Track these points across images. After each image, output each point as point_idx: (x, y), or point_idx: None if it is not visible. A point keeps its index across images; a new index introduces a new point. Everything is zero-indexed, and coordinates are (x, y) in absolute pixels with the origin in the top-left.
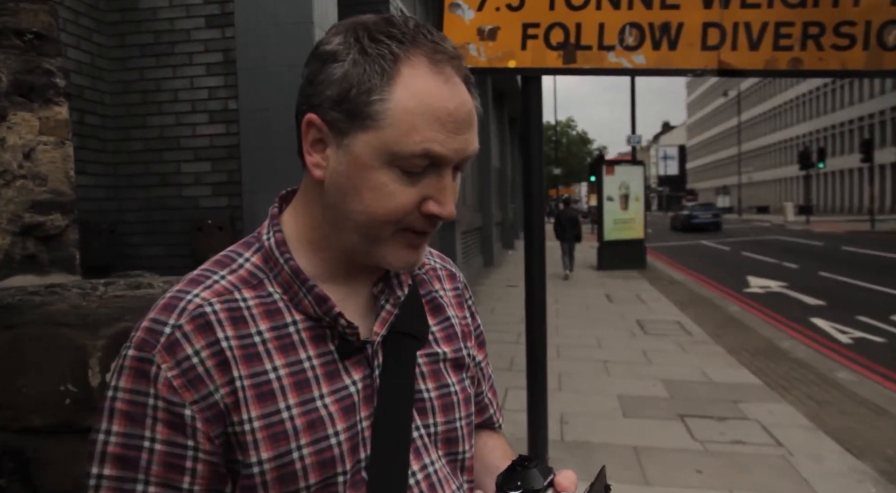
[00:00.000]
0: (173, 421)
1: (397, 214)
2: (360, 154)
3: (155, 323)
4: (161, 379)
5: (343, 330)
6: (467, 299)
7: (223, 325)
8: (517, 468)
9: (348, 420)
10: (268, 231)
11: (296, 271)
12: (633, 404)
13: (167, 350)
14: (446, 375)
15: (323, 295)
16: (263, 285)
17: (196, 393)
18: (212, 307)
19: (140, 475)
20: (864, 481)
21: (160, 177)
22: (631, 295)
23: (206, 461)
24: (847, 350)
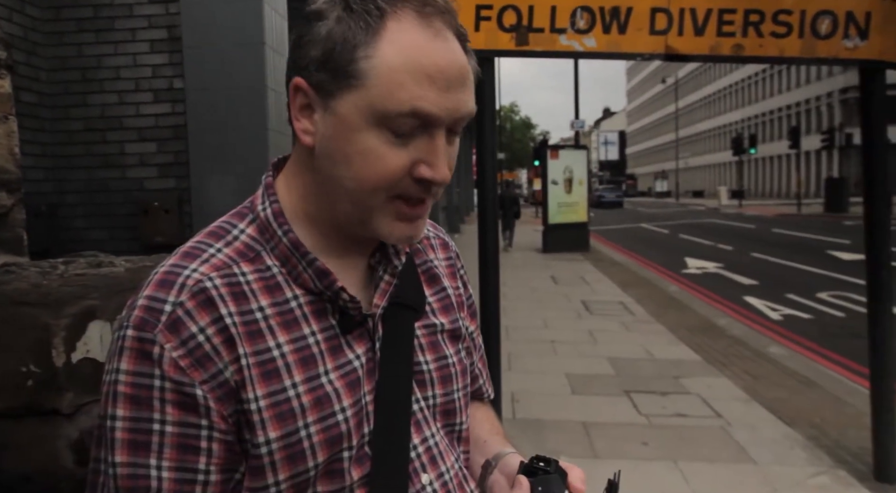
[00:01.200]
0: (184, 401)
1: (388, 180)
2: (347, 116)
3: (153, 301)
4: (166, 360)
5: (345, 304)
6: (459, 268)
7: (225, 300)
8: (538, 472)
9: (354, 396)
10: (263, 201)
11: (295, 243)
12: (581, 381)
13: (170, 329)
14: (444, 346)
15: (324, 269)
16: (261, 258)
17: (205, 372)
18: (212, 282)
19: (153, 459)
20: (795, 447)
21: (103, 158)
22: (575, 277)
23: (221, 440)
24: (778, 326)
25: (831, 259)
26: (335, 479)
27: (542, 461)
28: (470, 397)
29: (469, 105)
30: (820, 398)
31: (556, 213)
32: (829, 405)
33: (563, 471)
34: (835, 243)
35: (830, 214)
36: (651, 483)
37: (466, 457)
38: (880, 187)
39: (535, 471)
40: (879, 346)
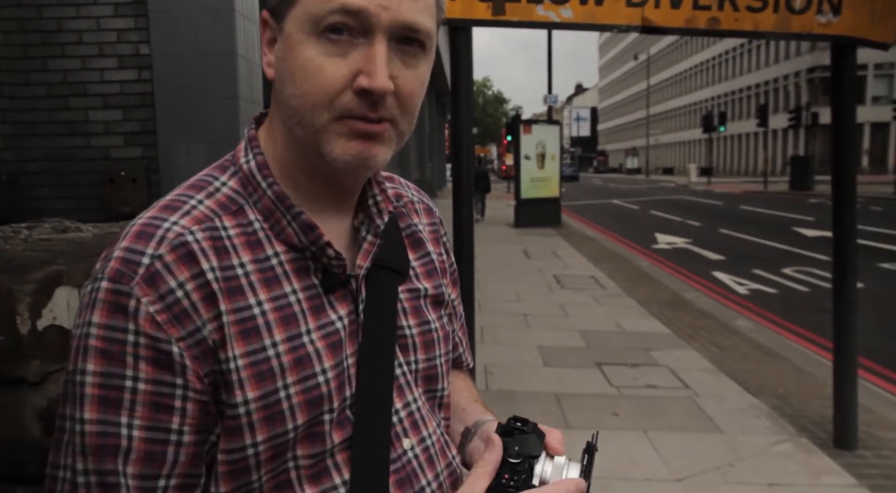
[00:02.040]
0: (159, 359)
1: (327, 93)
2: (291, 32)
3: (130, 253)
4: (142, 314)
5: (329, 262)
6: (443, 235)
7: (207, 255)
8: (514, 432)
9: (336, 357)
10: (246, 153)
11: (280, 196)
12: (553, 354)
13: (147, 283)
14: (427, 311)
15: (310, 223)
16: (244, 211)
17: (182, 329)
18: (193, 236)
19: (124, 416)
20: (760, 416)
21: (66, 125)
22: (547, 251)
23: (195, 400)
24: (744, 300)
25: (796, 236)
26: (316, 442)
27: (519, 422)
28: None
29: (413, 11)
30: (784, 370)
31: (529, 188)
32: (793, 376)
33: (541, 432)
34: (799, 220)
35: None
36: (622, 453)
37: (447, 424)
38: (849, 162)
39: (512, 431)
40: (843, 318)
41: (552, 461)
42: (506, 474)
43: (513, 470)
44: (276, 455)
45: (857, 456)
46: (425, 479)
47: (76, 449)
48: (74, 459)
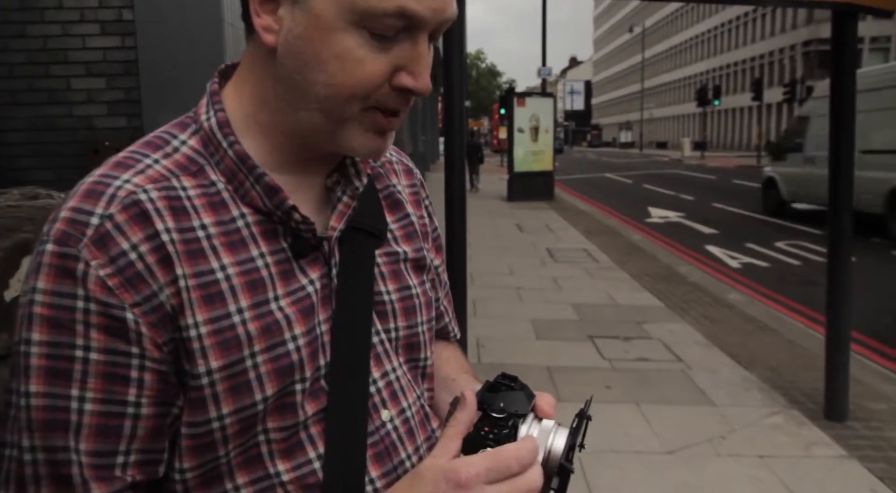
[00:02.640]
0: (111, 326)
1: (366, 87)
2: (323, 12)
3: (78, 212)
4: (91, 278)
5: (297, 226)
6: (424, 198)
7: (162, 215)
8: (501, 388)
9: (307, 323)
10: (207, 110)
11: (242, 156)
12: (545, 327)
13: (97, 244)
14: (407, 276)
15: (274, 185)
16: (204, 172)
17: (137, 294)
18: (147, 195)
19: (74, 389)
20: (752, 389)
21: (47, 93)
22: (540, 225)
23: (154, 370)
24: (737, 274)
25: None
26: (287, 414)
27: (508, 379)
28: (436, 335)
29: (453, 7)
30: (776, 343)
31: (522, 161)
32: (785, 349)
33: (531, 392)
34: None
35: None
36: (614, 425)
37: (430, 395)
38: (847, 132)
39: (499, 386)
40: (837, 290)
41: (539, 423)
42: (486, 427)
43: (494, 424)
44: (244, 429)
45: (847, 428)
46: (405, 452)
47: (22, 425)
48: (21, 436)
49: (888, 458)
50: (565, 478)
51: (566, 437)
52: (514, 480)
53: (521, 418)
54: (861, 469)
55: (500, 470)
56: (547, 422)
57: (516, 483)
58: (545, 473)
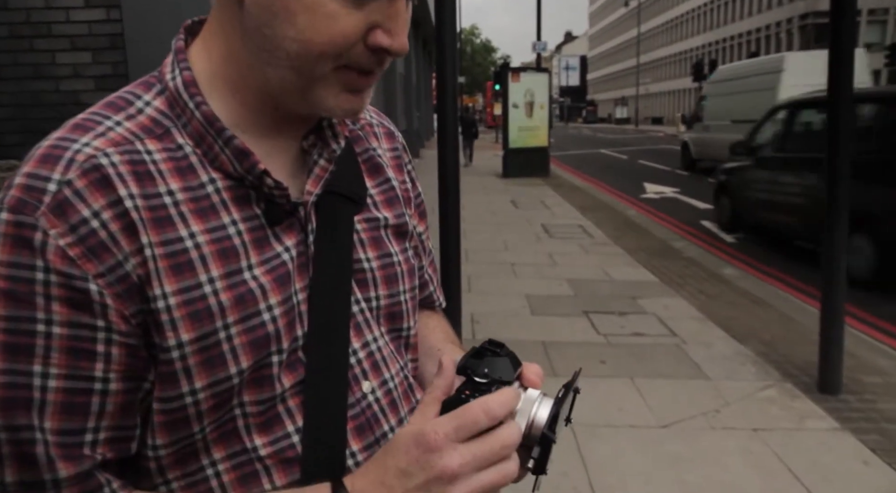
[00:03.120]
0: (74, 298)
1: (338, 45)
2: None
3: (33, 178)
4: (51, 248)
5: (269, 191)
6: (406, 163)
7: (125, 180)
8: (487, 353)
9: (283, 293)
10: (172, 68)
11: (209, 117)
12: (540, 302)
13: (55, 212)
14: (388, 243)
15: (243, 148)
16: (171, 135)
17: (101, 265)
18: (109, 159)
19: (37, 365)
20: (746, 363)
21: (32, 68)
22: (535, 201)
23: (121, 343)
24: (732, 249)
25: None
26: (264, 387)
27: (494, 345)
28: (420, 304)
29: None
30: (770, 317)
31: (517, 137)
32: (779, 323)
33: (517, 360)
34: None
35: None
36: (608, 400)
37: (415, 366)
38: (845, 103)
39: (484, 352)
40: (831, 263)
41: (525, 392)
42: (467, 390)
43: (476, 388)
44: (219, 404)
45: (840, 400)
46: (388, 424)
47: None
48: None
49: (881, 430)
50: (547, 448)
51: (550, 407)
52: (487, 437)
53: (505, 385)
54: (854, 441)
55: (468, 427)
56: (532, 391)
57: (489, 440)
58: (527, 444)
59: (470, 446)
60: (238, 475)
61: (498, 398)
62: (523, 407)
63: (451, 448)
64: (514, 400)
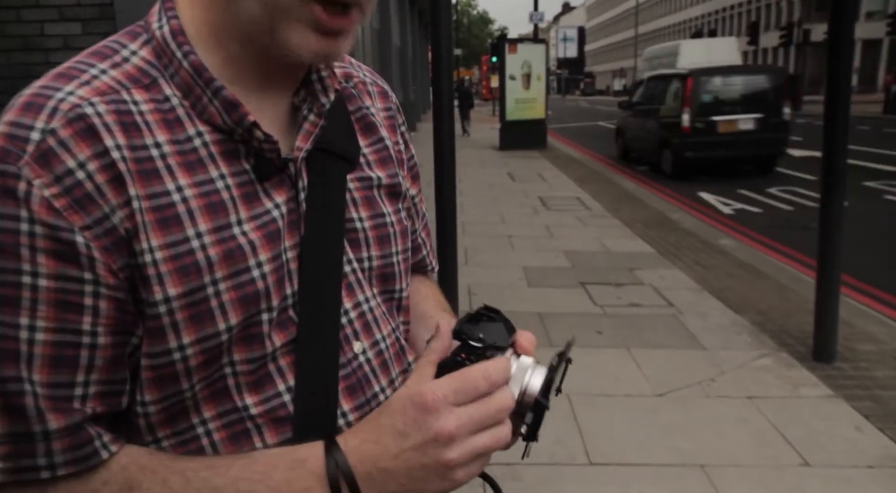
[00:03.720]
0: (61, 250)
1: None
2: None
3: (16, 127)
4: (36, 199)
5: (259, 145)
6: (400, 124)
7: (111, 131)
8: (482, 319)
9: (273, 249)
10: (159, 17)
11: (198, 67)
12: (537, 274)
13: (39, 162)
14: (381, 203)
15: (233, 99)
16: (158, 85)
17: (88, 216)
18: (94, 108)
19: (24, 317)
20: (742, 333)
21: (21, 39)
22: (533, 174)
23: (109, 296)
24: (729, 220)
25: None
26: (254, 345)
27: (489, 310)
28: (413, 269)
29: None
30: (766, 287)
31: (514, 109)
32: (775, 293)
33: (512, 326)
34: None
35: None
36: (605, 369)
37: (406, 328)
38: (844, 75)
39: (480, 317)
40: (829, 233)
41: (518, 359)
42: (462, 353)
43: (471, 352)
44: (208, 361)
45: (834, 368)
46: (378, 385)
47: None
48: None
49: (874, 396)
50: (540, 414)
51: (544, 374)
52: (483, 401)
53: (499, 350)
54: (847, 408)
55: (467, 391)
56: (525, 358)
57: (485, 404)
58: (519, 411)
59: (467, 409)
60: (229, 434)
61: (498, 365)
62: (516, 374)
63: (449, 411)
64: (510, 368)
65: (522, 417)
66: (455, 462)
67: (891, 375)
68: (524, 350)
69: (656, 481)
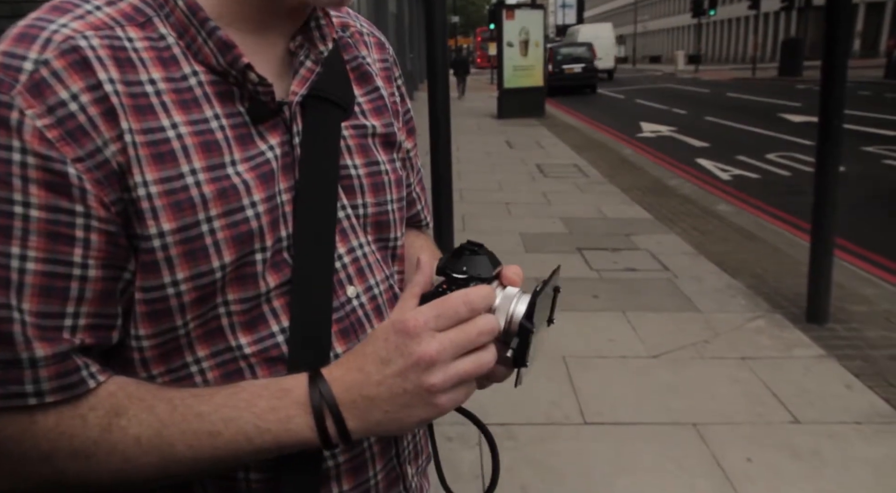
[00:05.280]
0: (52, 182)
1: None
2: None
3: (9, 57)
4: (28, 129)
5: (253, 88)
6: (397, 76)
7: (105, 65)
8: (465, 253)
9: (267, 190)
10: None
11: (192, 7)
12: (534, 240)
13: (32, 92)
14: (375, 151)
15: (227, 40)
16: (153, 24)
17: (80, 149)
18: (88, 41)
19: (14, 246)
20: (736, 295)
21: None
22: (531, 141)
23: (101, 229)
24: (727, 186)
25: (782, 121)
26: (248, 285)
27: (473, 245)
28: (408, 223)
29: None
30: (762, 251)
31: (512, 77)
32: (770, 257)
33: (497, 259)
34: (786, 106)
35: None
36: (600, 332)
37: (401, 277)
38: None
39: (463, 251)
40: (823, 197)
41: (503, 290)
42: (444, 284)
43: (454, 282)
44: (202, 298)
45: (827, 329)
46: (371, 329)
47: None
48: None
49: (865, 356)
50: (525, 338)
51: (528, 300)
52: (465, 325)
53: (483, 281)
54: (838, 367)
55: (448, 316)
56: (511, 289)
57: (466, 328)
58: (507, 340)
59: (448, 333)
60: (222, 373)
61: (478, 291)
62: (502, 304)
63: (430, 335)
64: (493, 295)
65: (508, 345)
66: (438, 387)
67: (882, 335)
68: (510, 282)
69: (649, 439)
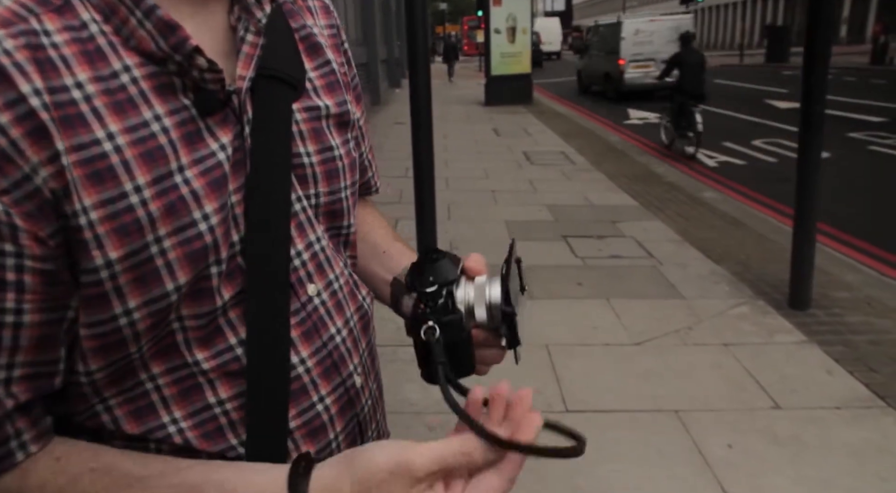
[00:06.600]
0: None
1: None
2: None
3: None
4: None
5: (200, 75)
6: (343, 42)
7: (26, 72)
8: (426, 263)
9: (219, 198)
10: None
11: None
12: (520, 228)
13: None
14: (329, 135)
15: (169, 21)
16: (72, 7)
17: (4, 180)
18: (2, 46)
19: None
20: (720, 282)
21: None
22: (518, 129)
23: (36, 269)
24: (713, 173)
25: (769, 108)
26: (203, 301)
27: (430, 252)
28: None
29: None
30: (747, 238)
31: (499, 64)
32: (755, 244)
33: (456, 257)
34: (773, 93)
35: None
36: (583, 320)
37: (353, 262)
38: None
39: (422, 263)
40: (806, 184)
41: (472, 282)
42: (421, 304)
43: (429, 299)
44: (157, 323)
45: (809, 315)
46: (334, 327)
47: None
48: None
49: (846, 341)
50: (511, 321)
51: (500, 285)
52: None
53: (452, 284)
54: (819, 353)
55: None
56: (479, 278)
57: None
58: (494, 326)
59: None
60: (180, 389)
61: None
62: (477, 294)
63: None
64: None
65: (498, 331)
66: None
67: (862, 320)
68: (475, 271)
69: (631, 426)
